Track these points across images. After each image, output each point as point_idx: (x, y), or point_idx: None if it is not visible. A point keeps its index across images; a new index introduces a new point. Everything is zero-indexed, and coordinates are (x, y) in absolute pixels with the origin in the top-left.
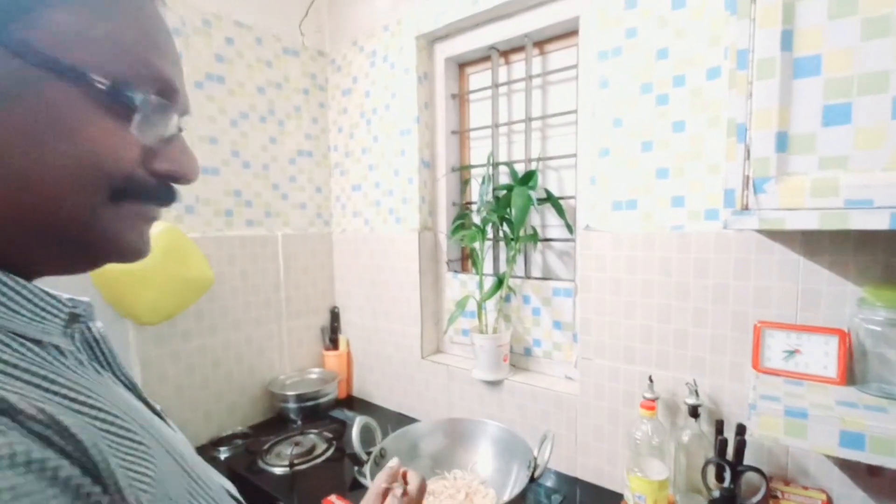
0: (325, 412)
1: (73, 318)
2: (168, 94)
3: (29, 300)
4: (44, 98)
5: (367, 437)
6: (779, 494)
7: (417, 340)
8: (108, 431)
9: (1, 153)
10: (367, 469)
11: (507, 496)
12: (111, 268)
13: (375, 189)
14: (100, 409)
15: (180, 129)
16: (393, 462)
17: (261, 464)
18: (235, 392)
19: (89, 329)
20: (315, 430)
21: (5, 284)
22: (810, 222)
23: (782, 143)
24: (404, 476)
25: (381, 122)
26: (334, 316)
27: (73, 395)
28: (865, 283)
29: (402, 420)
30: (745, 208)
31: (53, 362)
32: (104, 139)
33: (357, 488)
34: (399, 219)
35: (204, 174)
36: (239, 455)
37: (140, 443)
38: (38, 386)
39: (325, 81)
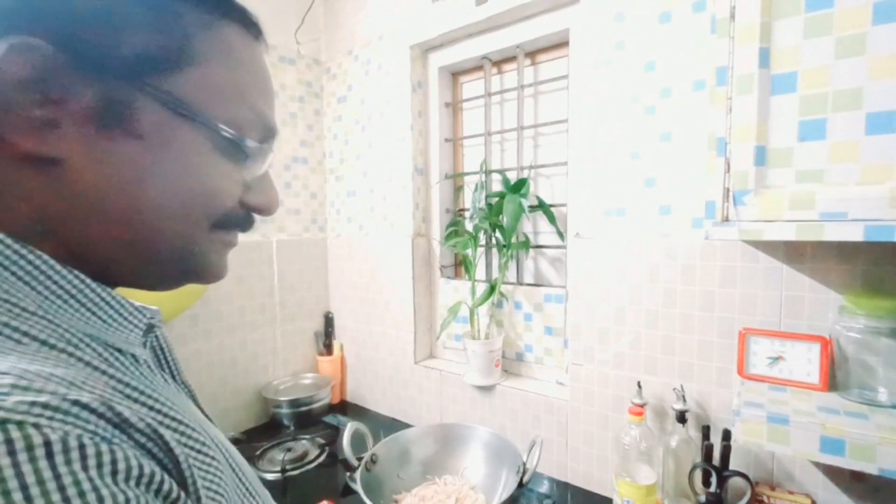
0: (319, 417)
1: (150, 328)
2: (270, 138)
3: (118, 311)
4: (179, 140)
5: (359, 443)
6: (764, 499)
7: (410, 345)
8: (187, 445)
9: (125, 183)
10: (357, 475)
11: (496, 501)
12: None
13: (370, 195)
14: (180, 422)
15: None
16: None
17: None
18: (229, 397)
19: (156, 337)
20: (308, 436)
21: (101, 297)
22: (787, 234)
23: (761, 156)
24: None
25: (375, 129)
26: (328, 321)
27: (159, 406)
28: (846, 291)
29: (395, 424)
30: (726, 220)
31: (134, 372)
32: (220, 178)
33: (349, 494)
34: (393, 225)
35: None
36: None
37: (213, 457)
38: (133, 398)
39: (321, 89)
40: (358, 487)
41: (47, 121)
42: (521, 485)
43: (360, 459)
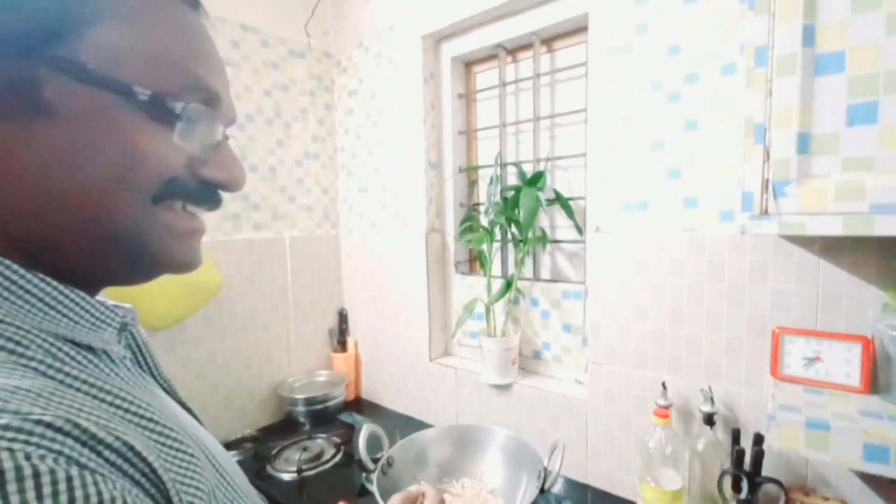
0: (334, 415)
1: (124, 326)
2: (212, 103)
3: (87, 310)
4: (90, 109)
5: (375, 444)
6: None
7: (425, 343)
8: (163, 444)
9: (50, 165)
10: (374, 477)
11: None
12: None
13: (382, 191)
14: (156, 423)
15: (226, 138)
16: (412, 487)
17: (269, 470)
18: (244, 396)
19: (132, 335)
20: (323, 435)
21: (67, 297)
22: (833, 228)
23: (804, 143)
24: (422, 496)
25: (387, 123)
26: (342, 318)
27: (134, 408)
28: (890, 287)
29: (411, 423)
30: (764, 212)
31: (109, 372)
32: (147, 145)
33: (365, 495)
34: (406, 220)
35: None
36: (248, 460)
37: (192, 455)
38: (100, 399)
39: (332, 83)
40: (374, 490)
41: None
42: (542, 491)
43: (376, 461)
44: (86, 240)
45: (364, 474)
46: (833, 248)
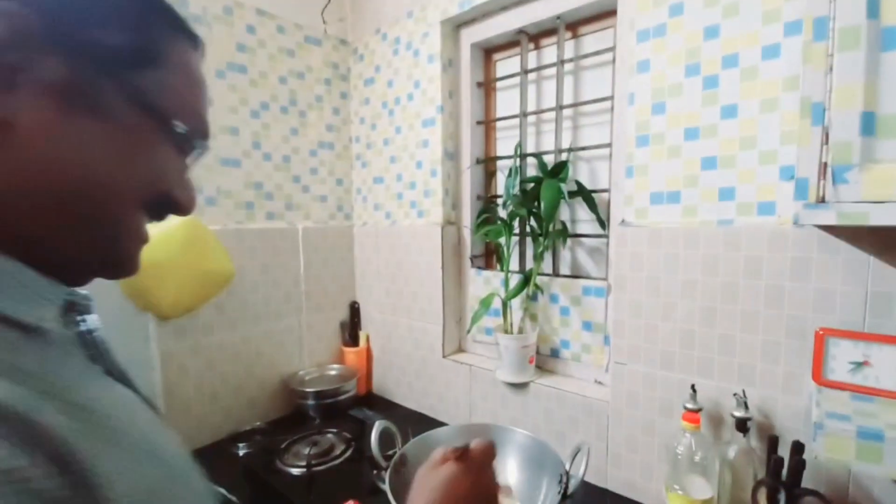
0: (345, 410)
1: (71, 307)
2: (206, 136)
3: (21, 283)
4: (137, 126)
5: (387, 441)
6: None
7: (439, 338)
8: (82, 420)
9: (88, 159)
10: (386, 475)
11: None
12: None
13: (397, 181)
14: (74, 404)
15: None
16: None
17: (278, 463)
18: (255, 387)
19: (83, 321)
20: (334, 430)
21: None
22: None
23: (868, 125)
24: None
25: (403, 112)
26: (354, 311)
27: (48, 387)
28: None
29: (423, 420)
30: (821, 200)
31: (33, 350)
32: (167, 165)
33: (376, 494)
34: (421, 212)
35: (225, 166)
36: (256, 453)
37: (120, 440)
38: (18, 382)
39: (348, 71)
40: (386, 489)
41: (8, 82)
42: (564, 495)
43: (388, 458)
44: (64, 235)
45: (375, 472)
46: (885, 242)
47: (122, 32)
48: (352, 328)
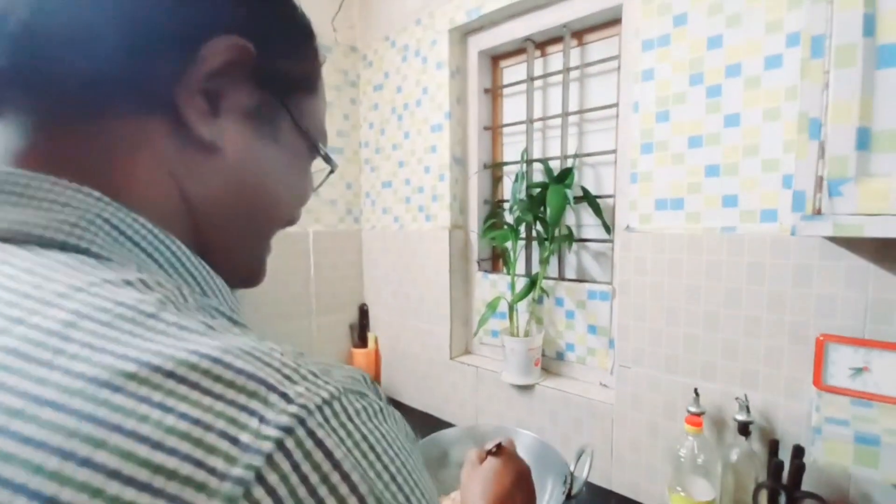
0: None
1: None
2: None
3: (232, 303)
4: (297, 148)
5: None
6: None
7: (446, 340)
8: None
9: (267, 176)
10: None
11: None
12: None
13: (405, 186)
14: None
15: None
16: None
17: None
18: None
19: None
20: None
21: (220, 287)
22: (895, 229)
23: (864, 139)
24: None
25: (412, 117)
26: (363, 313)
27: None
28: None
29: (429, 421)
30: (818, 213)
31: None
32: (308, 186)
33: None
34: (429, 216)
35: None
36: None
37: None
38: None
39: (357, 77)
40: None
41: (214, 109)
42: (569, 496)
43: None
44: (258, 246)
45: None
46: (886, 250)
47: (298, 61)
48: (361, 330)
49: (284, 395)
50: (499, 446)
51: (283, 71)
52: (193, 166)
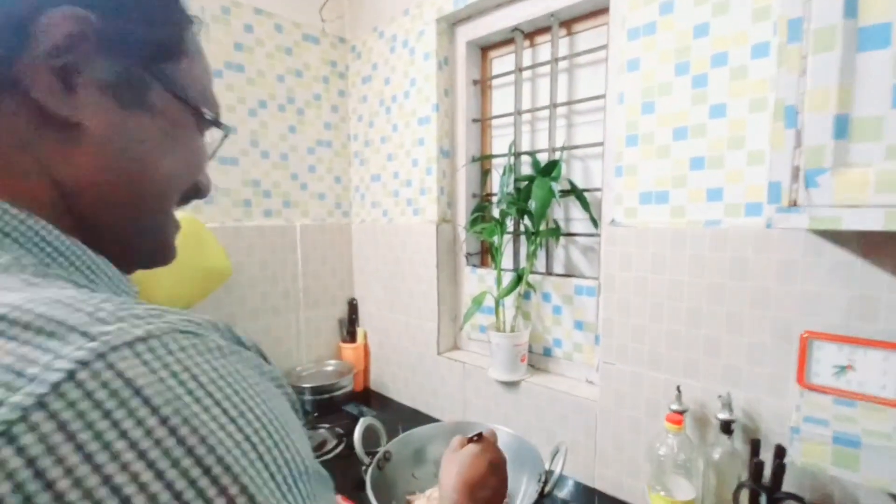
0: (341, 405)
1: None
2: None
3: (114, 280)
4: (177, 117)
5: (373, 438)
6: None
7: (434, 336)
8: None
9: (141, 151)
10: (367, 473)
11: None
12: None
13: (394, 179)
14: None
15: None
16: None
17: None
18: None
19: None
20: (327, 425)
21: (97, 265)
22: (874, 222)
23: (842, 128)
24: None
25: (400, 109)
26: (352, 308)
27: None
28: None
29: (417, 416)
30: (794, 204)
31: None
32: (199, 153)
33: (363, 489)
34: (417, 210)
35: (222, 164)
36: None
37: None
38: None
39: (346, 69)
40: (367, 485)
41: (68, 85)
42: (542, 494)
43: (373, 455)
44: (130, 226)
45: (363, 467)
46: (873, 245)
47: (156, 26)
48: (350, 324)
49: (85, 334)
50: (479, 435)
51: (140, 38)
52: (58, 146)
